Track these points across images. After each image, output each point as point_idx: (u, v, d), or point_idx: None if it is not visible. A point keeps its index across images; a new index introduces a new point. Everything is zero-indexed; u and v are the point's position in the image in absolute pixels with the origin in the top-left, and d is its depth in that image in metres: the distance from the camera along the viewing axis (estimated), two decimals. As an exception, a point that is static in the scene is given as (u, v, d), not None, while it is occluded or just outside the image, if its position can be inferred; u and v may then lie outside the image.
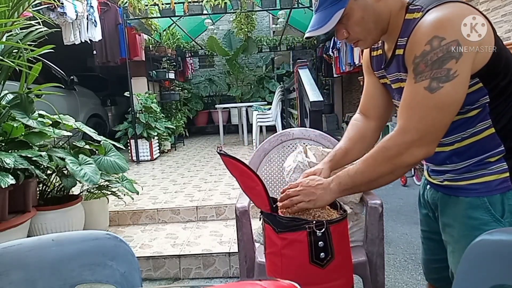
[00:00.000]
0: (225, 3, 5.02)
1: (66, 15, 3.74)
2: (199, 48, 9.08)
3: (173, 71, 6.68)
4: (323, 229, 0.95)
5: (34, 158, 2.13)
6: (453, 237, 0.96)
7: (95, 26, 4.30)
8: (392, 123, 4.11)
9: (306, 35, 0.98)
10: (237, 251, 1.53)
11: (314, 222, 0.94)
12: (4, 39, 2.19)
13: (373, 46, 1.07)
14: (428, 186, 1.08)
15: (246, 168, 0.96)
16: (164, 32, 6.88)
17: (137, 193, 2.89)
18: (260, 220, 1.10)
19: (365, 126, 1.15)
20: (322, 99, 2.72)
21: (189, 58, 8.88)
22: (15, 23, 2.21)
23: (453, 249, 0.97)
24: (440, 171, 0.99)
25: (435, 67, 0.80)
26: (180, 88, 7.53)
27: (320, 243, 0.95)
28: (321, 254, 0.95)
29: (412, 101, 0.85)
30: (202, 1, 5.06)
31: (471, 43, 0.80)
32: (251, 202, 1.06)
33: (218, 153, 0.98)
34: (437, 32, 0.80)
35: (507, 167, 0.87)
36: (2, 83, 2.26)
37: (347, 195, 1.01)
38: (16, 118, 2.17)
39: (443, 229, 1.01)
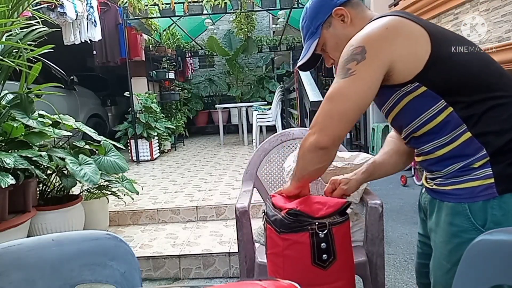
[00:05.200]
0: (225, 3, 5.02)
1: (66, 15, 3.73)
2: (199, 48, 9.08)
3: (173, 71, 6.68)
4: (326, 231, 0.95)
5: (34, 158, 2.13)
6: (434, 242, 0.96)
7: (95, 26, 4.29)
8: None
9: (298, 65, 1.13)
10: (237, 251, 1.53)
11: (316, 223, 0.94)
12: (4, 38, 2.19)
13: None
14: (424, 189, 1.09)
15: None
16: (164, 32, 6.88)
17: (137, 193, 2.89)
18: (262, 220, 1.10)
19: (400, 141, 1.14)
20: (322, 99, 2.71)
21: (189, 58, 8.88)
22: (15, 23, 2.21)
23: (434, 255, 0.97)
24: (432, 177, 0.99)
25: (340, 67, 0.91)
26: (180, 88, 7.53)
27: (322, 244, 0.95)
28: (324, 255, 0.95)
29: None
30: (202, 1, 5.06)
31: (379, 51, 0.87)
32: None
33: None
34: (351, 42, 0.92)
35: (491, 172, 0.84)
36: (2, 83, 2.25)
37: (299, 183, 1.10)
38: (16, 118, 2.17)
39: (429, 233, 1.01)
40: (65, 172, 2.50)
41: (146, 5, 5.04)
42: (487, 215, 0.84)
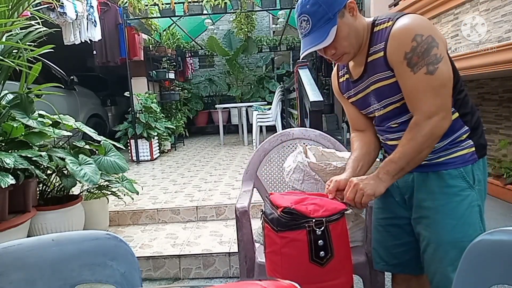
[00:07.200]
0: (225, 3, 5.02)
1: (66, 15, 3.73)
2: (199, 48, 9.08)
3: (173, 71, 6.67)
4: (323, 228, 0.95)
5: (34, 158, 2.13)
6: (431, 209, 1.09)
7: (95, 26, 4.29)
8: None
9: (305, 53, 1.09)
10: (237, 251, 1.53)
11: (313, 220, 0.94)
12: (4, 39, 2.19)
13: (339, 74, 1.28)
14: None
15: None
16: (164, 32, 6.87)
17: (137, 193, 2.89)
18: (260, 219, 1.10)
19: (365, 137, 1.26)
20: (322, 99, 2.72)
21: (189, 58, 8.87)
22: (15, 23, 2.21)
23: (433, 220, 1.09)
24: None
25: (425, 55, 1.00)
26: (180, 88, 7.52)
27: (319, 241, 0.95)
28: (321, 252, 0.96)
29: (420, 88, 1.02)
30: (202, 1, 5.06)
31: (439, 36, 1.02)
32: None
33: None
34: (416, 32, 1.00)
35: (473, 143, 1.09)
36: (2, 83, 2.25)
37: (396, 179, 1.10)
38: (16, 118, 2.17)
39: (418, 205, 1.13)
40: (65, 172, 2.50)
41: (146, 5, 5.03)
42: (474, 175, 1.08)
